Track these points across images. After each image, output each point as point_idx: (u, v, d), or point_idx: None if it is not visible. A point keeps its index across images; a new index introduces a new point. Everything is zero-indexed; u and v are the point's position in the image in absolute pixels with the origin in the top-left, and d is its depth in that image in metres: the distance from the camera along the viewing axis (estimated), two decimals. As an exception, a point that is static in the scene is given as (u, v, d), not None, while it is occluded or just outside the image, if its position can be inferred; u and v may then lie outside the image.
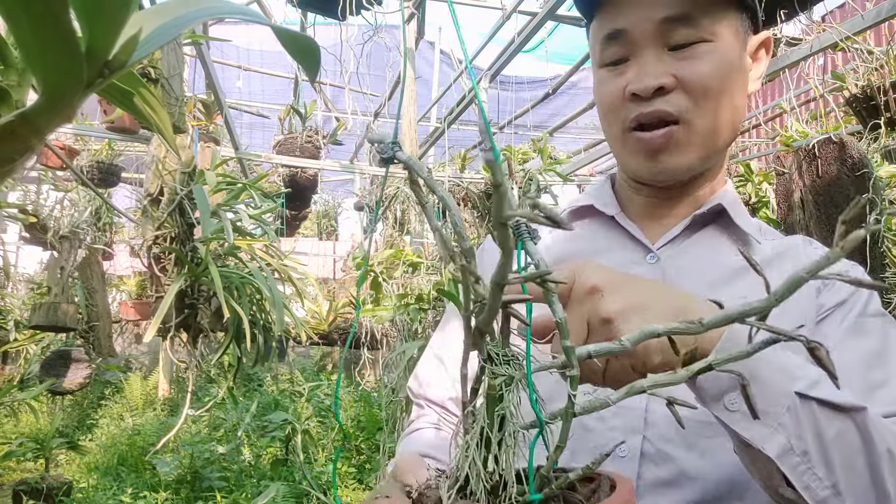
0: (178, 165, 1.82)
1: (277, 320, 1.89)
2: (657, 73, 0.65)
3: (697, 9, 0.64)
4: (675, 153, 0.67)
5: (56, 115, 0.22)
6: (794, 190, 1.64)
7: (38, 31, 0.19)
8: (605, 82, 0.70)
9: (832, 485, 0.46)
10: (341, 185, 8.15)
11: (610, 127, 0.71)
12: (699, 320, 0.35)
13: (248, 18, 0.31)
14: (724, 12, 0.66)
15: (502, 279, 0.32)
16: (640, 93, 0.65)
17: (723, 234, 0.73)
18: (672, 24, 0.64)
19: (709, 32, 0.65)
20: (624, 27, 0.66)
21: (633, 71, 0.67)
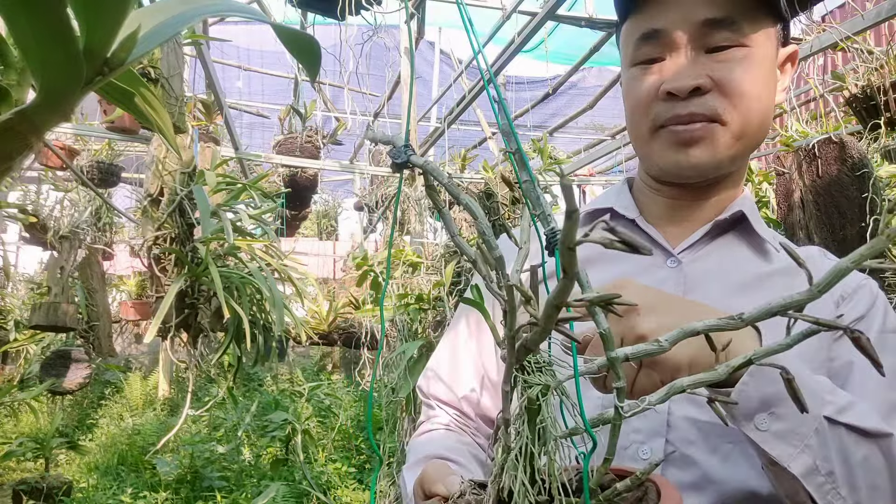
0: (178, 165, 1.82)
1: (277, 320, 1.88)
2: (694, 73, 0.64)
3: (739, 13, 0.64)
4: (708, 148, 0.66)
5: (54, 113, 0.22)
6: (794, 190, 1.63)
7: (36, 29, 0.19)
8: (638, 79, 0.69)
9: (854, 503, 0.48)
10: (341, 185, 8.15)
11: (639, 124, 0.70)
12: (739, 315, 0.34)
13: (248, 17, 0.31)
14: (763, 20, 0.66)
15: (561, 301, 0.31)
16: (677, 92, 0.64)
17: (742, 241, 0.72)
18: (713, 26, 0.64)
19: (747, 38, 0.64)
20: (663, 27, 0.66)
21: (668, 70, 0.66)
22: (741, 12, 0.64)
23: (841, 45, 1.83)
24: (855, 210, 1.49)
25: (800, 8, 1.63)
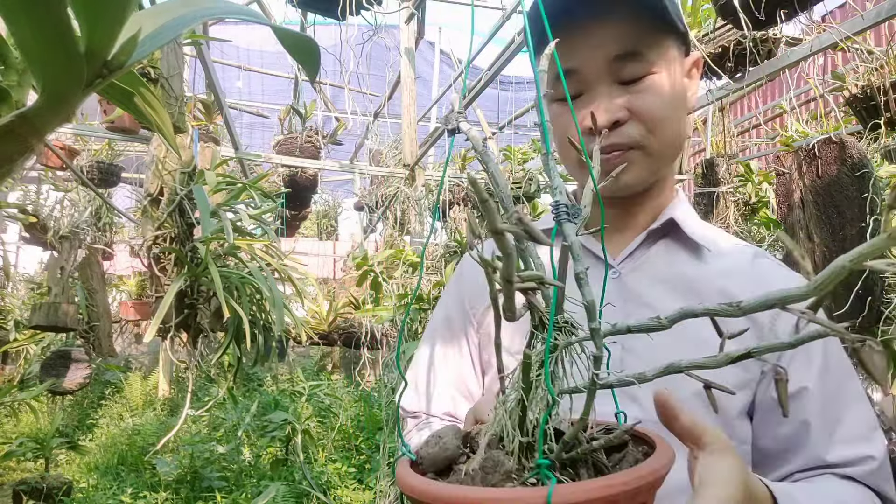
0: (178, 165, 1.82)
1: (277, 320, 1.88)
2: (611, 108, 0.69)
3: (643, 44, 0.69)
4: (632, 172, 0.72)
5: (55, 115, 0.22)
6: (794, 190, 1.63)
7: (37, 31, 0.19)
8: (561, 116, 0.75)
9: None
10: (341, 185, 8.15)
11: (568, 155, 0.77)
12: (737, 303, 0.35)
13: (248, 18, 0.31)
14: (665, 43, 0.71)
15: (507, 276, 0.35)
16: (599, 127, 0.69)
17: (678, 245, 0.77)
18: (622, 60, 0.69)
19: (655, 65, 0.70)
20: (577, 67, 0.70)
21: (587, 106, 0.71)
22: (646, 43, 0.69)
23: (841, 45, 1.83)
24: (855, 210, 1.49)
25: (800, 8, 1.63)
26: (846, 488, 0.65)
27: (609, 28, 0.69)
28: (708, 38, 2.23)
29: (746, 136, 5.50)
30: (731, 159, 2.22)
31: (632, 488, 0.37)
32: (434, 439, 0.46)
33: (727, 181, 2.14)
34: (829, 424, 0.67)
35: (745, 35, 2.08)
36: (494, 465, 0.40)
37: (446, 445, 0.44)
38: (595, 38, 0.69)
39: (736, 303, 0.34)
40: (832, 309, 1.51)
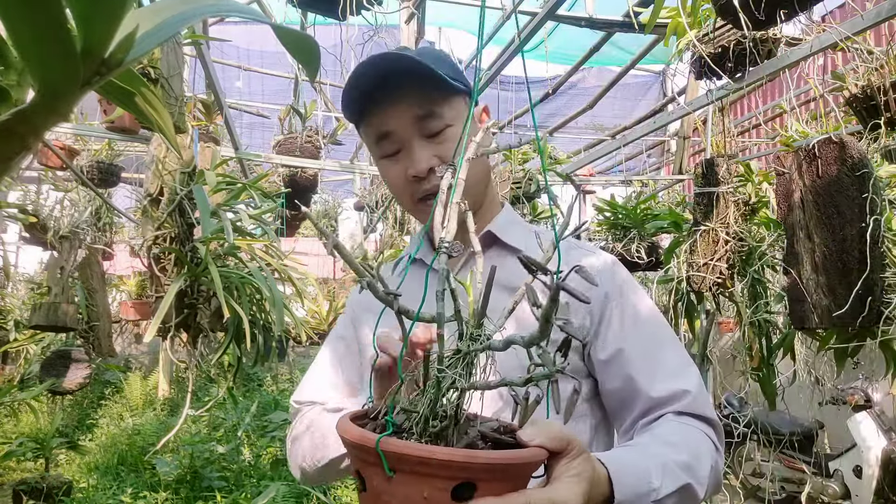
0: (178, 165, 1.82)
1: (277, 320, 1.88)
2: (424, 158, 0.88)
3: (436, 105, 0.87)
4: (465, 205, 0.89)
5: (53, 113, 0.22)
6: (794, 190, 1.63)
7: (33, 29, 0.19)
8: (389, 169, 0.93)
9: None
10: (341, 185, 8.14)
11: (402, 199, 0.95)
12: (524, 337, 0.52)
13: (248, 17, 0.31)
14: (455, 100, 0.90)
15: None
16: (419, 174, 0.88)
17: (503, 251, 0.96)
18: (423, 120, 0.87)
19: (449, 118, 0.88)
20: (392, 129, 0.89)
21: (407, 159, 0.90)
22: (438, 104, 0.88)
23: (841, 45, 1.83)
24: (855, 210, 1.49)
25: (800, 8, 1.63)
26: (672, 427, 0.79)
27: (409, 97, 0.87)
28: (708, 38, 2.23)
29: (746, 136, 5.50)
30: (731, 159, 2.21)
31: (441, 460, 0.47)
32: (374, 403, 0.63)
33: (727, 181, 2.14)
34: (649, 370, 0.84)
35: (745, 35, 2.08)
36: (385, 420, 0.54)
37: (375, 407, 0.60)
38: (400, 106, 0.87)
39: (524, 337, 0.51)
40: (832, 309, 1.51)
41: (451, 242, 0.56)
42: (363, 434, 0.51)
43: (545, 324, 0.45)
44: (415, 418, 0.52)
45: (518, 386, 0.52)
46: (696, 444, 0.78)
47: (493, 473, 0.50)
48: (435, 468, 0.48)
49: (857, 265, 1.47)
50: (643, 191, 4.01)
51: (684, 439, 0.78)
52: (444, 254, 0.56)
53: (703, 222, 2.15)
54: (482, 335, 0.53)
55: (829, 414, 4.23)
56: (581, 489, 0.56)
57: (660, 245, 3.07)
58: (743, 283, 2.18)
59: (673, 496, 0.70)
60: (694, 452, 0.76)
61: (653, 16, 2.00)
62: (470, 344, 0.53)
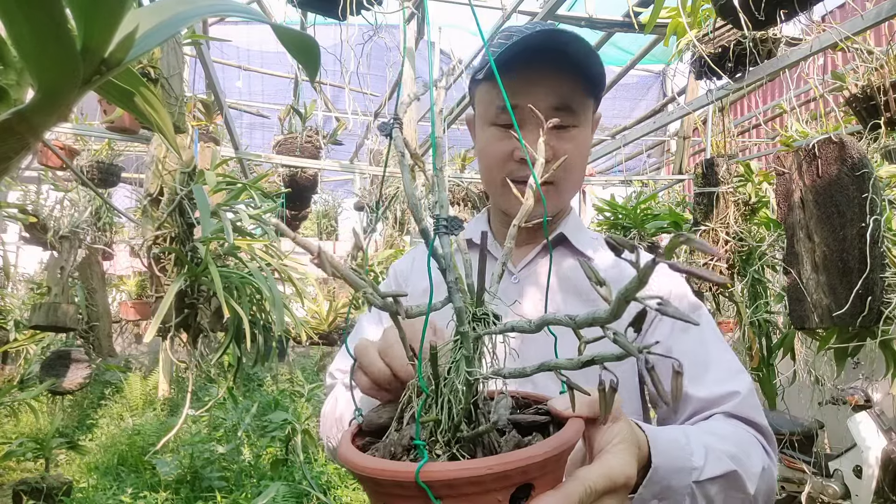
0: (178, 165, 1.82)
1: (277, 320, 1.88)
2: (541, 146, 0.82)
3: (576, 102, 0.86)
4: (547, 204, 0.90)
5: (52, 112, 0.22)
6: (794, 190, 1.63)
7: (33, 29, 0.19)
8: (496, 140, 0.89)
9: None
10: (341, 185, 8.15)
11: (494, 175, 0.91)
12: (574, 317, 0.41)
13: (248, 17, 0.31)
14: (589, 104, 0.89)
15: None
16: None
17: (568, 253, 0.95)
18: (558, 110, 0.85)
19: (579, 120, 0.87)
20: (522, 104, 0.84)
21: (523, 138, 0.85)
22: (577, 102, 0.86)
23: (841, 45, 1.83)
24: (855, 210, 1.49)
25: (800, 8, 1.63)
26: (721, 423, 0.76)
27: (556, 82, 0.84)
28: (708, 38, 2.23)
29: (746, 136, 5.50)
30: (731, 159, 2.22)
31: (497, 472, 0.41)
32: (377, 410, 0.55)
33: (727, 181, 2.14)
34: (698, 374, 0.81)
35: (745, 35, 2.08)
36: (401, 438, 0.47)
37: (381, 416, 0.54)
38: (543, 86, 0.84)
39: (573, 317, 0.41)
40: (832, 309, 1.51)
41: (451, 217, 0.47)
42: (393, 469, 0.42)
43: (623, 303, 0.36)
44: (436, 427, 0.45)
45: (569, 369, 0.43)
46: (746, 443, 0.74)
47: (548, 466, 0.44)
48: (490, 483, 0.41)
49: (857, 265, 1.47)
50: (643, 191, 4.01)
51: (734, 434, 0.74)
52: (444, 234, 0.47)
53: (703, 222, 2.15)
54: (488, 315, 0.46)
55: (829, 414, 4.22)
56: (632, 454, 0.52)
57: (660, 245, 3.07)
58: (743, 283, 2.18)
59: (717, 482, 0.65)
60: (744, 449, 0.71)
61: (653, 16, 2.00)
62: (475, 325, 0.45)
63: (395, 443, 0.48)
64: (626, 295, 0.36)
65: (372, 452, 0.49)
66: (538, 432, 0.50)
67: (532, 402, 0.55)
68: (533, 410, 0.52)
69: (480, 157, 0.94)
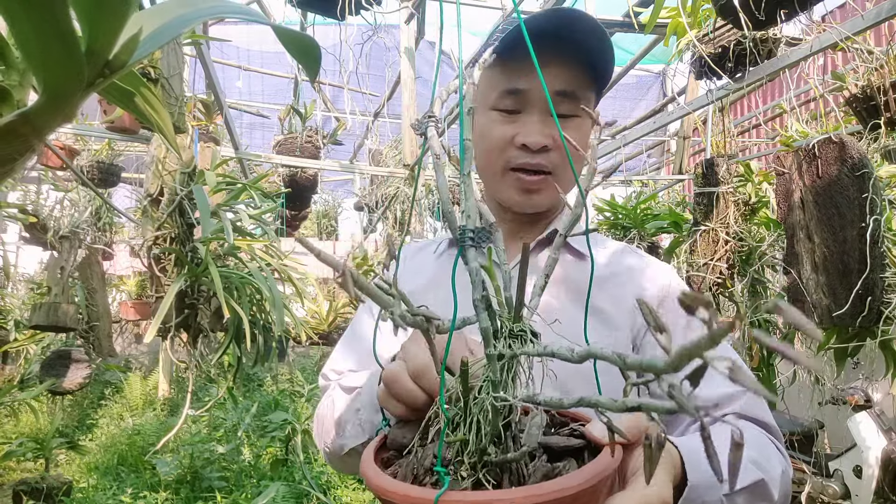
0: (178, 165, 1.82)
1: (277, 320, 1.88)
2: (545, 133, 0.82)
3: (580, 89, 0.82)
4: (544, 195, 0.86)
5: (56, 114, 0.22)
6: (794, 190, 1.63)
7: (38, 31, 0.19)
8: (497, 124, 0.85)
9: None
10: (341, 185, 8.15)
11: (493, 162, 0.86)
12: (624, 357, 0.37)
13: (248, 18, 0.31)
14: (592, 94, 0.85)
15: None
16: (531, 146, 0.82)
17: (564, 251, 0.91)
18: (562, 97, 0.82)
19: (580, 110, 0.83)
20: (527, 88, 0.82)
21: (524, 125, 0.83)
22: (581, 88, 0.83)
23: (841, 45, 1.83)
24: (855, 210, 1.49)
25: (800, 8, 1.63)
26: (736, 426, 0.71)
27: (563, 67, 0.81)
28: (708, 38, 2.23)
29: (746, 136, 5.50)
30: (731, 159, 2.22)
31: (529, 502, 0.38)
32: (400, 427, 0.55)
33: (727, 181, 2.14)
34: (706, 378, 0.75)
35: (745, 35, 2.08)
36: (424, 458, 0.46)
37: (404, 436, 0.53)
38: (549, 71, 0.80)
39: (623, 357, 0.37)
40: (832, 309, 1.52)
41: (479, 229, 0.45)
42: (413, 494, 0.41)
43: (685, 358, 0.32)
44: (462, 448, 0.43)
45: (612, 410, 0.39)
46: (763, 445, 0.74)
47: (580, 499, 0.41)
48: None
49: (857, 265, 1.47)
50: (643, 191, 4.01)
51: (753, 439, 0.74)
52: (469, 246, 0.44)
53: (703, 222, 2.15)
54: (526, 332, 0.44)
55: (829, 414, 4.22)
56: (668, 474, 0.51)
57: (660, 245, 3.07)
58: (743, 283, 2.18)
59: (745, 492, 0.65)
60: (764, 454, 0.71)
61: (653, 16, 2.01)
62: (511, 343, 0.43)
63: (419, 462, 0.46)
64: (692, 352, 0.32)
65: (394, 469, 0.47)
66: (572, 457, 0.47)
67: (569, 420, 0.52)
68: (567, 431, 0.49)
69: (478, 142, 0.89)
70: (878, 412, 3.95)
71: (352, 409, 0.80)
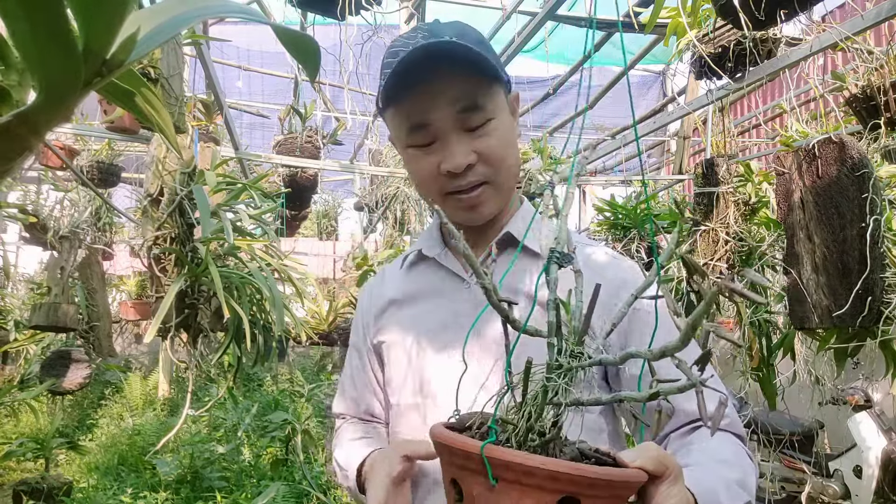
0: (178, 165, 1.82)
1: (277, 320, 1.88)
2: (464, 152, 0.83)
3: (480, 97, 0.83)
4: (488, 205, 0.89)
5: (54, 113, 0.22)
6: (794, 190, 1.63)
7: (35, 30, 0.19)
8: (418, 160, 0.87)
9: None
10: (341, 185, 8.14)
11: (428, 192, 0.90)
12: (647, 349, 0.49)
13: (248, 18, 0.31)
14: (496, 91, 0.85)
15: None
16: (456, 170, 0.83)
17: (520, 253, 0.92)
18: (465, 112, 0.82)
19: (491, 112, 0.84)
20: (429, 121, 0.83)
21: (441, 152, 0.84)
22: (482, 95, 0.83)
23: (841, 45, 1.83)
24: (855, 210, 1.49)
25: (800, 8, 1.63)
26: (716, 443, 0.78)
27: (453, 88, 0.81)
28: (708, 38, 2.23)
29: (746, 136, 5.50)
30: (731, 159, 2.21)
31: (548, 470, 0.45)
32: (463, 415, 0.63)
33: (727, 181, 2.14)
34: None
35: (745, 35, 2.08)
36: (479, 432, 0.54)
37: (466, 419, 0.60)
38: (443, 97, 0.81)
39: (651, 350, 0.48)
40: (832, 309, 1.51)
41: (564, 253, 0.55)
42: (465, 440, 0.50)
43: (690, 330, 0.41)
44: (513, 431, 0.51)
45: (637, 401, 0.49)
46: (741, 459, 0.78)
47: (597, 489, 0.48)
48: (542, 479, 0.46)
49: (857, 265, 1.47)
50: (643, 191, 4.01)
51: (733, 455, 0.78)
52: (554, 263, 0.55)
53: (703, 222, 2.15)
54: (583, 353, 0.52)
55: (829, 414, 4.22)
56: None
57: (660, 245, 3.07)
58: (743, 283, 2.18)
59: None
60: (745, 469, 0.76)
61: (653, 16, 2.00)
62: (570, 360, 0.51)
63: (474, 432, 0.55)
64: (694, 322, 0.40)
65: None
66: None
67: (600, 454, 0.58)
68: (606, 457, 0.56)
69: (411, 179, 0.94)
70: (878, 412, 3.95)
71: (345, 483, 0.94)
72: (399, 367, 0.94)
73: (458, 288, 0.93)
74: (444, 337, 0.91)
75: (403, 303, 0.98)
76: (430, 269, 0.97)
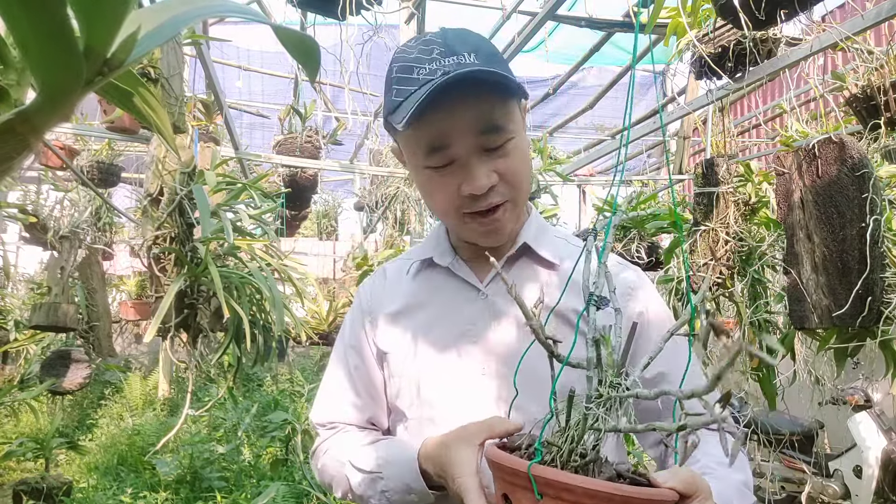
0: (178, 165, 1.82)
1: (277, 320, 1.88)
2: (485, 174, 0.82)
3: (500, 118, 0.81)
4: (507, 224, 0.88)
5: (54, 113, 0.22)
6: (794, 190, 1.63)
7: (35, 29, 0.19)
8: (436, 181, 0.85)
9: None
10: (341, 185, 8.14)
11: (446, 214, 0.88)
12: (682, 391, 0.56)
13: (248, 18, 0.31)
14: (513, 109, 0.84)
15: None
16: (477, 192, 0.82)
17: (533, 261, 0.93)
18: (486, 134, 0.81)
19: (511, 132, 0.82)
20: (448, 143, 0.81)
21: (461, 174, 0.82)
22: (503, 115, 0.81)
23: (841, 45, 1.83)
24: (855, 210, 1.49)
25: (800, 8, 1.63)
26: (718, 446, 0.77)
27: (473, 110, 0.79)
28: (708, 38, 2.23)
29: (746, 136, 5.50)
30: (731, 159, 2.21)
31: (587, 489, 0.51)
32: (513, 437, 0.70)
33: (727, 181, 2.14)
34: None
35: (745, 35, 2.08)
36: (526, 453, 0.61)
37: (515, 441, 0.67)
38: (464, 120, 0.79)
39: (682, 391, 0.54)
40: (832, 309, 1.51)
41: (602, 297, 0.63)
42: (515, 460, 0.57)
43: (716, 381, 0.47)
44: (557, 452, 0.57)
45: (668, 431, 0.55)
46: (741, 459, 0.83)
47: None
48: (580, 496, 0.52)
49: (857, 265, 1.47)
50: (643, 191, 4.01)
51: (739, 459, 0.83)
52: (593, 306, 0.62)
53: (703, 222, 2.15)
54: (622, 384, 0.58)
55: (829, 414, 4.22)
56: None
57: (660, 245, 3.07)
58: (743, 283, 2.18)
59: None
60: (745, 468, 0.82)
61: (653, 16, 2.00)
62: (610, 391, 0.57)
63: (523, 452, 0.62)
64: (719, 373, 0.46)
65: None
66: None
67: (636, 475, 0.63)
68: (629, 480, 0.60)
69: (426, 199, 0.91)
70: (878, 412, 3.95)
71: (374, 489, 0.85)
72: (410, 378, 0.91)
73: (471, 298, 0.92)
74: (460, 346, 0.89)
75: (414, 311, 0.95)
76: (441, 277, 0.96)
